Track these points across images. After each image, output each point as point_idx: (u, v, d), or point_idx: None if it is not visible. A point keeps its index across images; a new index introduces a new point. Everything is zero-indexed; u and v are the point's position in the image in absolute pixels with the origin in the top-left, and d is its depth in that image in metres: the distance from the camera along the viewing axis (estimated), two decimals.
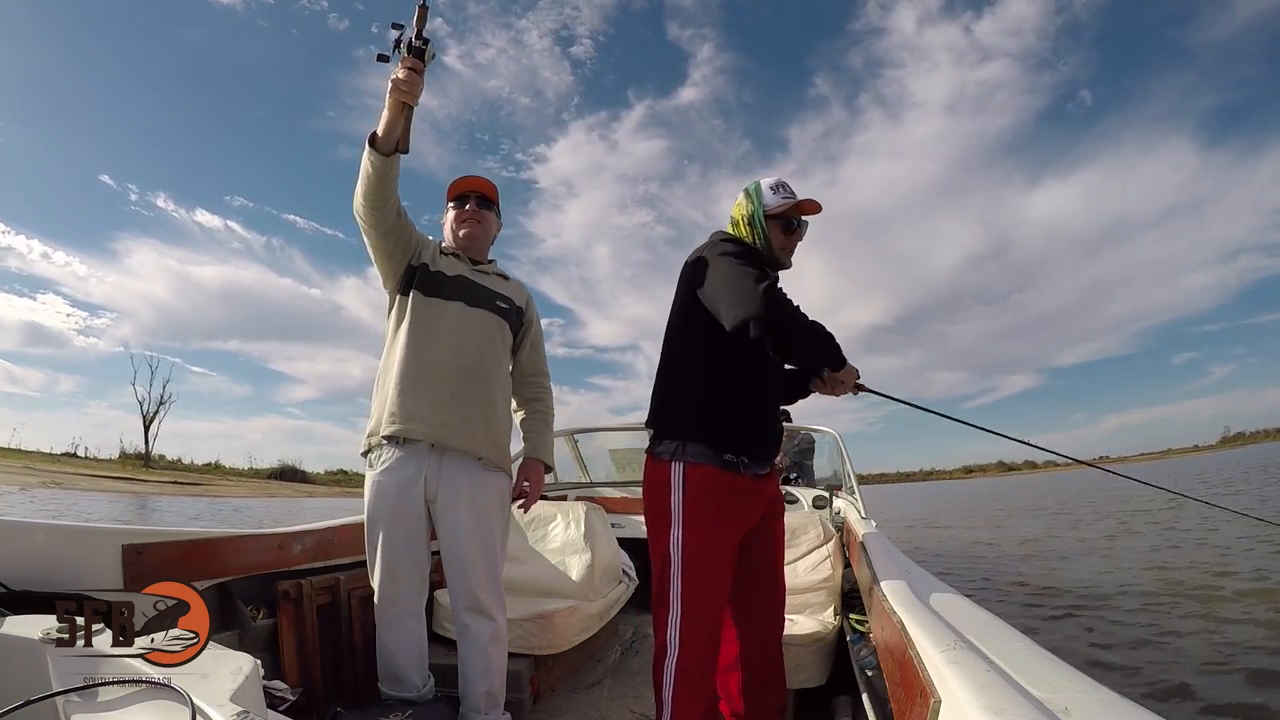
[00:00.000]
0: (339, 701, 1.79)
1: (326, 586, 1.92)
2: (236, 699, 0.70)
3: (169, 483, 30.15)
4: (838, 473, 3.87)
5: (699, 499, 1.49)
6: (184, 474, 36.14)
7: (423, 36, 1.41)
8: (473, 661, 1.68)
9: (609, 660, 2.60)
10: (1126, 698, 0.68)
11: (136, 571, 1.42)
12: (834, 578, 2.36)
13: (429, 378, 1.65)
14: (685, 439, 1.52)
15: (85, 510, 13.94)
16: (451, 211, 1.84)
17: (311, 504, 25.85)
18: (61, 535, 1.36)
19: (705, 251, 1.57)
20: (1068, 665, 0.81)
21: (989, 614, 1.11)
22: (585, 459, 4.30)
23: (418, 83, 1.41)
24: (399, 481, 1.63)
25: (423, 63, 1.41)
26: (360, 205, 1.58)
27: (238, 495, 28.83)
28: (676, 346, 1.62)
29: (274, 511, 18.35)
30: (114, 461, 37.23)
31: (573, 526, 2.63)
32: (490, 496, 1.72)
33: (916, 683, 0.85)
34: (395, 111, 1.43)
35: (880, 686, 1.32)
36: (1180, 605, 4.53)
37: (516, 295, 1.88)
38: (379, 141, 1.47)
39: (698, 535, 1.48)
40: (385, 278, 1.74)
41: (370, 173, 1.50)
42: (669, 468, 1.52)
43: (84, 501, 17.20)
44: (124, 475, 30.39)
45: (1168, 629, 3.97)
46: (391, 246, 1.68)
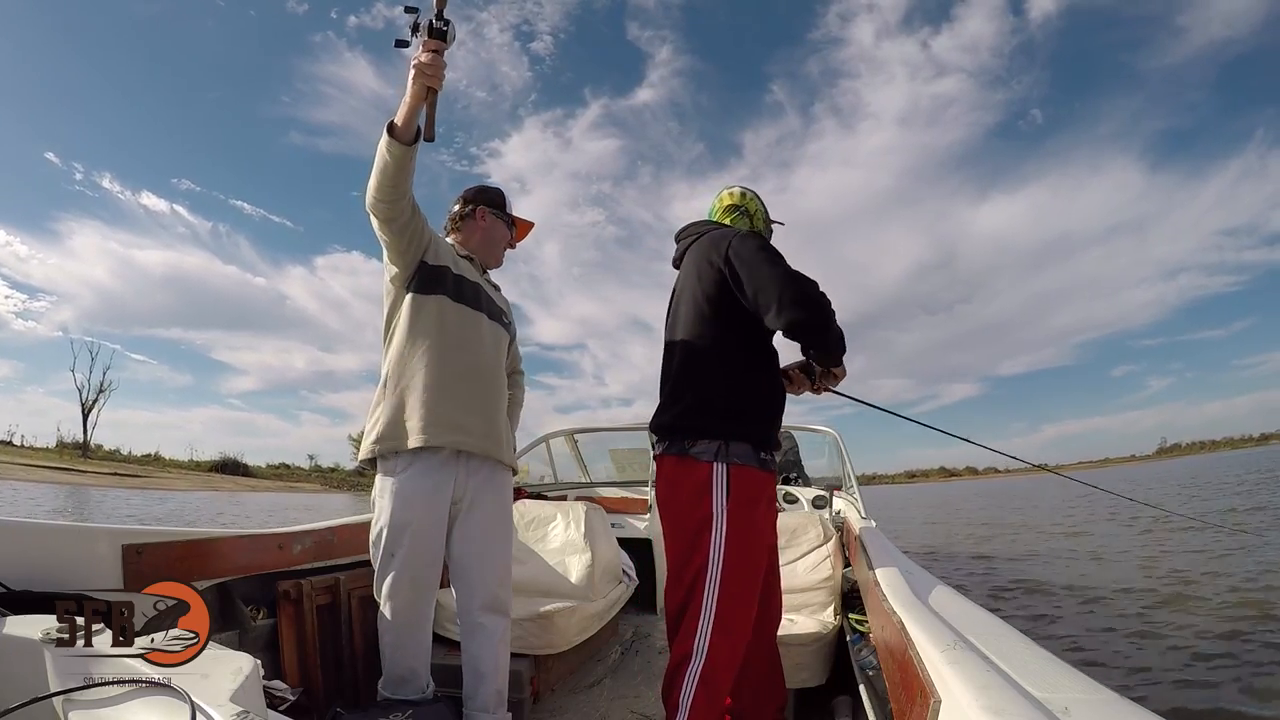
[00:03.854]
0: (339, 701, 1.79)
1: (326, 586, 1.92)
2: (236, 699, 0.70)
3: (108, 474, 29.71)
4: (837, 472, 3.87)
5: (745, 503, 1.45)
6: (123, 465, 35.52)
7: (443, 17, 1.34)
8: (486, 660, 1.67)
9: (609, 660, 2.60)
10: (1126, 698, 0.68)
11: (136, 571, 1.41)
12: (834, 577, 2.36)
13: (465, 387, 1.63)
14: (728, 439, 1.47)
15: (21, 501, 13.55)
16: (499, 222, 1.85)
17: (254, 499, 25.44)
18: (61, 535, 1.36)
19: (735, 244, 1.51)
20: (1068, 665, 0.81)
21: (989, 614, 1.11)
22: (585, 459, 4.30)
23: (441, 65, 1.34)
24: (428, 488, 1.59)
25: (445, 44, 1.35)
26: (375, 199, 1.50)
27: (179, 488, 28.24)
28: (706, 341, 1.55)
29: (218, 504, 18.00)
30: (51, 450, 36.67)
31: (573, 526, 2.63)
32: (507, 496, 1.76)
33: (916, 682, 0.85)
34: (418, 98, 1.36)
35: (880, 686, 1.33)
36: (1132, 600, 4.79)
37: (508, 309, 1.93)
38: (399, 130, 1.39)
39: (742, 542, 1.43)
40: (398, 274, 1.65)
41: (389, 163, 1.42)
42: (709, 469, 1.46)
43: (21, 491, 16.75)
44: (61, 465, 29.82)
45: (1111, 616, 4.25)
46: (406, 243, 1.60)
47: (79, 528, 1.41)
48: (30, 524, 1.32)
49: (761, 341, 1.56)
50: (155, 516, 13.52)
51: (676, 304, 1.67)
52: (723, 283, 1.51)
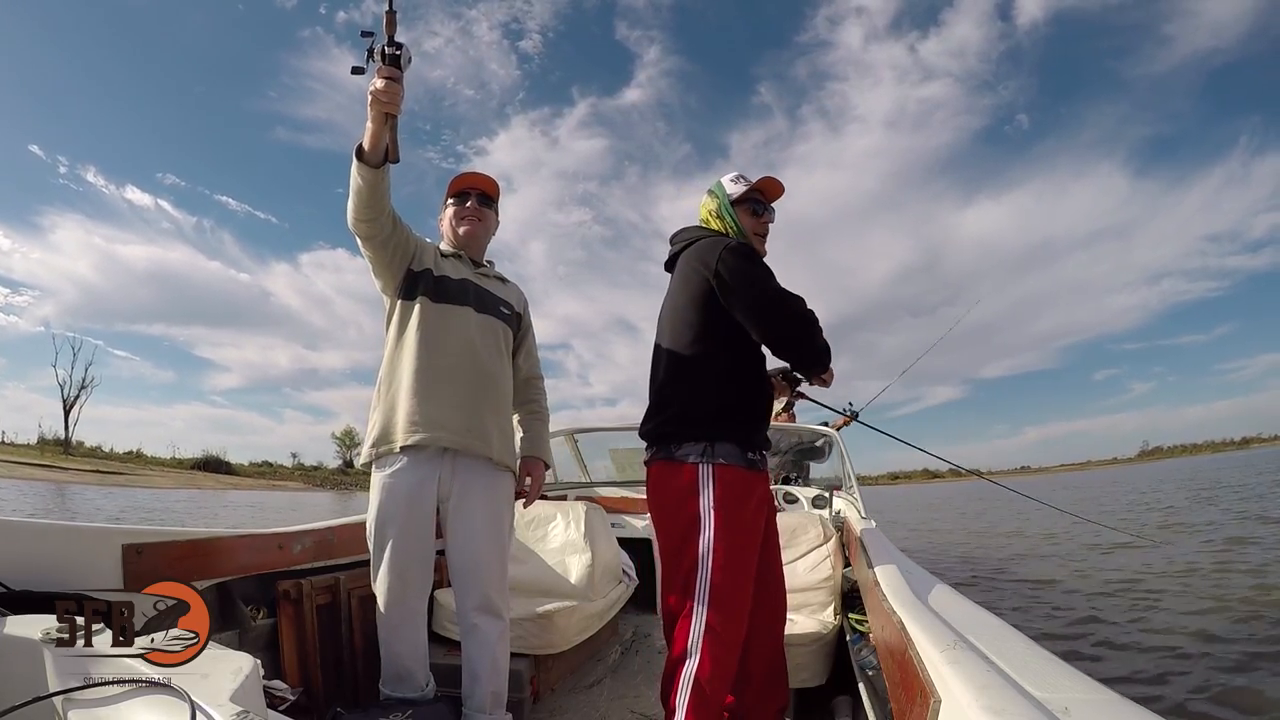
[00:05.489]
0: (339, 701, 1.79)
1: (326, 586, 1.92)
2: (236, 699, 0.70)
3: (90, 471, 29.44)
4: (837, 472, 3.87)
5: (732, 503, 1.47)
6: (105, 462, 35.24)
7: (395, 42, 1.36)
8: (480, 661, 1.68)
9: (609, 660, 2.60)
10: (1126, 698, 0.68)
11: (136, 571, 1.41)
12: (834, 577, 2.36)
13: (446, 383, 1.65)
14: (713, 440, 1.49)
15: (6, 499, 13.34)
16: (451, 208, 1.83)
17: (237, 496, 25.29)
18: (61, 535, 1.36)
19: (724, 257, 1.52)
20: (1068, 665, 0.81)
21: (989, 614, 1.11)
22: (584, 458, 4.30)
23: (398, 91, 1.36)
24: (411, 483, 1.62)
25: (400, 69, 1.37)
26: (355, 220, 1.55)
27: (161, 486, 28.00)
28: (692, 348, 1.57)
29: (201, 504, 17.68)
30: (32, 447, 36.42)
31: (573, 526, 2.63)
32: (501, 496, 1.74)
33: (916, 682, 0.85)
34: (379, 123, 1.39)
35: (880, 686, 1.33)
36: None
37: (516, 300, 1.90)
38: (366, 154, 1.43)
39: (731, 541, 1.45)
40: (385, 285, 1.72)
41: (362, 186, 1.47)
42: (695, 470, 1.48)
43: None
44: (43, 462, 29.59)
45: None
46: (389, 256, 1.66)
47: (79, 527, 1.41)
48: (30, 524, 1.32)
49: (747, 346, 1.57)
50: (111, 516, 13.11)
51: (665, 310, 1.69)
52: (710, 293, 1.53)
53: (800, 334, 1.53)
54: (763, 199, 1.69)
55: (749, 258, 1.54)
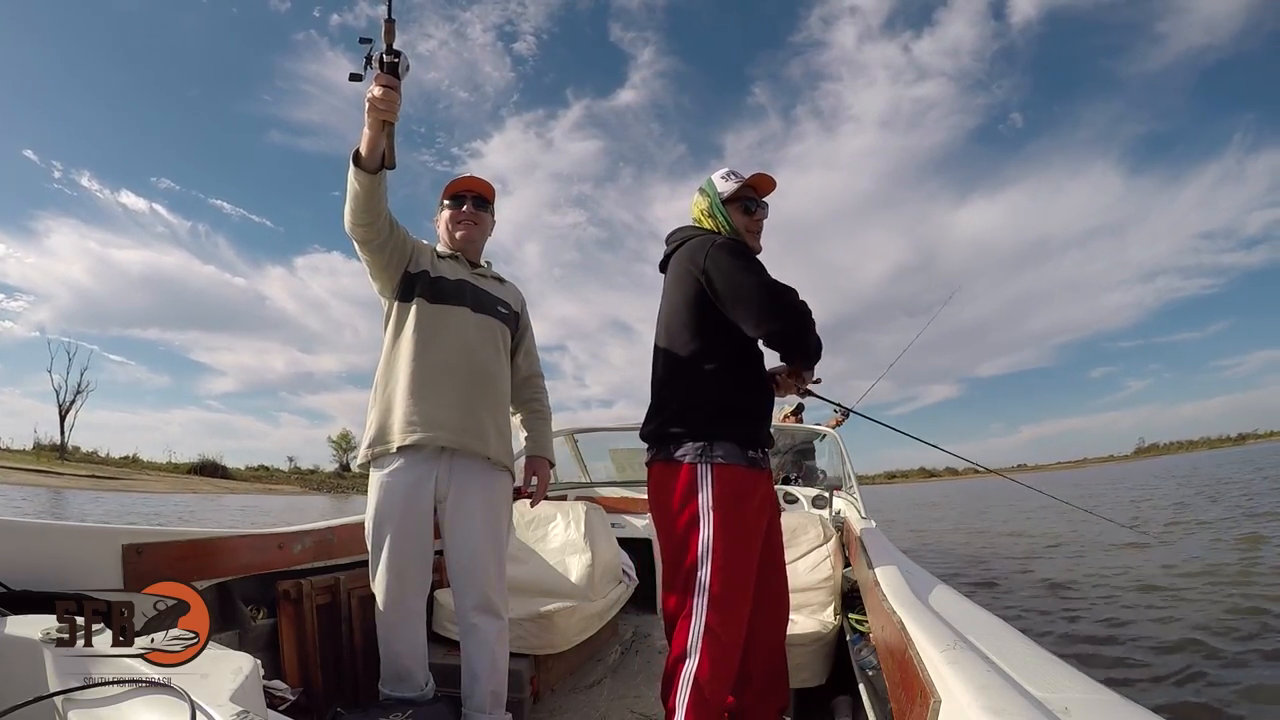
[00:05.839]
0: (339, 701, 1.79)
1: (326, 586, 1.92)
2: (236, 699, 0.70)
3: (86, 476, 29.45)
4: (837, 473, 3.87)
5: (731, 501, 1.46)
6: (101, 467, 35.25)
7: (393, 50, 1.37)
8: (479, 661, 1.68)
9: (609, 660, 2.60)
10: (1126, 698, 0.68)
11: (136, 571, 1.41)
12: (834, 577, 2.36)
13: (443, 383, 1.65)
14: (711, 439, 1.49)
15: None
16: (447, 211, 1.84)
17: (233, 500, 25.12)
18: (61, 535, 1.36)
19: (712, 255, 1.52)
20: (1068, 665, 0.81)
21: (989, 614, 1.11)
22: (584, 458, 4.30)
23: (395, 99, 1.37)
24: (408, 481, 1.62)
25: (397, 78, 1.37)
26: (352, 225, 1.56)
27: (157, 491, 27.81)
28: (689, 348, 1.57)
29: (197, 508, 17.56)
30: (28, 452, 36.37)
31: (573, 526, 2.63)
32: (499, 495, 1.74)
33: (916, 683, 0.85)
34: (376, 130, 1.40)
35: (880, 686, 1.33)
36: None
37: (514, 300, 1.90)
38: (363, 160, 1.44)
39: (730, 540, 1.44)
40: (382, 287, 1.73)
41: (359, 192, 1.48)
42: (693, 470, 1.48)
43: None
44: (38, 467, 29.59)
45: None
46: (386, 259, 1.67)
47: (79, 527, 1.41)
48: (30, 524, 1.32)
49: (745, 344, 1.57)
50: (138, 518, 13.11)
51: (662, 311, 1.69)
52: (701, 292, 1.53)
53: (792, 326, 1.50)
54: (755, 195, 1.68)
55: (736, 253, 1.53)
